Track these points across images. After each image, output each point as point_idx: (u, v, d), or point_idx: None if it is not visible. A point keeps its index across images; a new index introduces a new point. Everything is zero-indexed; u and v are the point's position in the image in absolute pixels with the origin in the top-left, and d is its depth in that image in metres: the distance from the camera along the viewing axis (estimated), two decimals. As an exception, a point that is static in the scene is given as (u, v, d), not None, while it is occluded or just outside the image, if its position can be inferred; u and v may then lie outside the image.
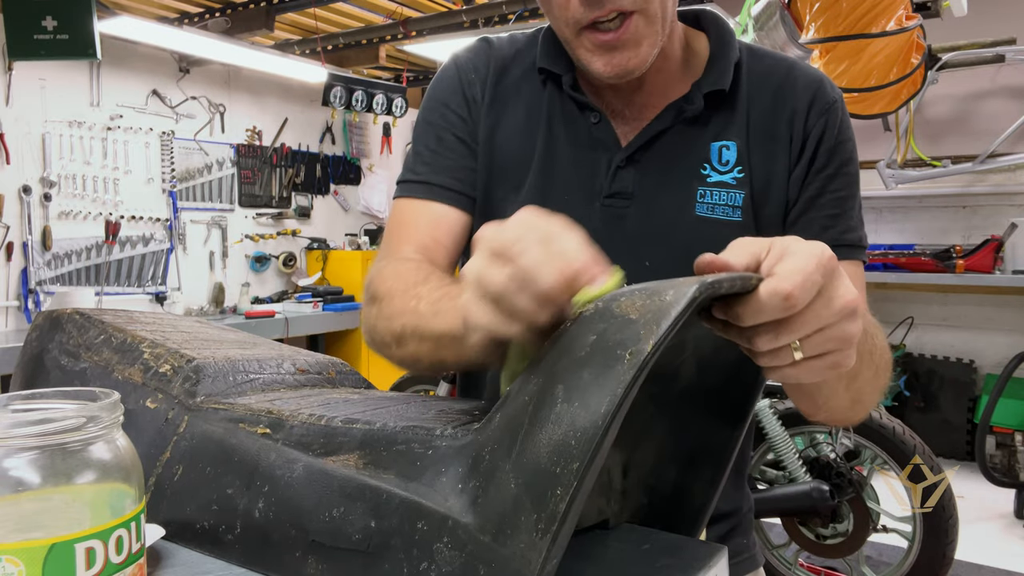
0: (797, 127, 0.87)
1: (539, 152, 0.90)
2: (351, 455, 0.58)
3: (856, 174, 0.90)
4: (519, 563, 0.45)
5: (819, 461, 2.54)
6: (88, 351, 0.80)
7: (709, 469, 0.66)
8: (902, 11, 2.87)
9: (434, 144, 0.92)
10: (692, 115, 0.87)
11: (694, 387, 0.66)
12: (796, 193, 0.87)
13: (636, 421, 0.67)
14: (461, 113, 0.93)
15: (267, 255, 5.15)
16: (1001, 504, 3.62)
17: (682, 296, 0.46)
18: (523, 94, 0.93)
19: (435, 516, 0.50)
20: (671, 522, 0.68)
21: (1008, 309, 4.38)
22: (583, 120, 0.90)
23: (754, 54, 0.92)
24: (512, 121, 0.92)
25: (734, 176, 0.87)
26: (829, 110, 0.88)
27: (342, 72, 4.62)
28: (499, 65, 0.94)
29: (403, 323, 0.74)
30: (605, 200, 0.88)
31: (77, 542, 0.43)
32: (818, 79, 0.90)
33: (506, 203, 0.90)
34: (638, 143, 0.88)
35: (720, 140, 0.87)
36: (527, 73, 0.94)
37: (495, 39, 0.97)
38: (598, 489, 0.67)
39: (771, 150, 0.87)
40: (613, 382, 0.45)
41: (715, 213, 0.86)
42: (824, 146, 0.87)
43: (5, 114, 3.82)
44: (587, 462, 0.44)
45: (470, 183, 0.91)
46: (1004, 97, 4.38)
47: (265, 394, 0.74)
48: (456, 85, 0.94)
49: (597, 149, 0.89)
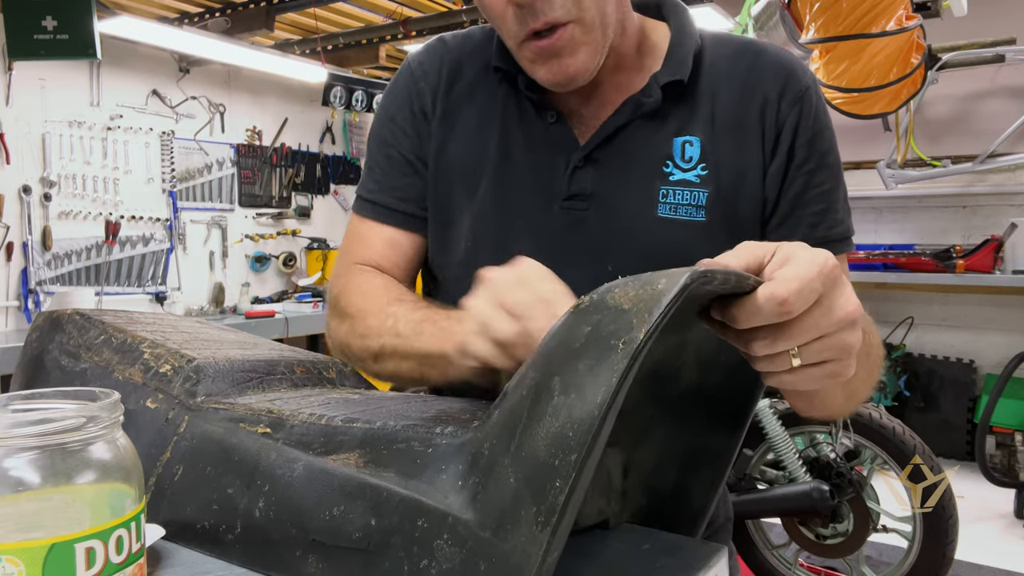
0: (769, 117, 0.83)
1: (493, 156, 0.88)
2: (351, 454, 0.58)
3: (837, 163, 0.87)
4: (519, 557, 0.45)
5: (819, 461, 2.53)
6: (88, 351, 0.80)
7: (709, 471, 0.66)
8: (902, 11, 2.87)
9: (383, 161, 0.94)
10: (651, 109, 0.84)
11: (695, 388, 0.66)
12: (776, 191, 0.84)
13: (636, 422, 0.67)
14: (407, 129, 0.93)
15: (267, 255, 5.15)
16: (1001, 504, 3.62)
17: (674, 284, 0.46)
18: (477, 97, 0.91)
19: (435, 513, 0.51)
20: (671, 523, 0.68)
21: (1008, 309, 4.38)
22: (539, 121, 0.88)
23: (719, 41, 0.88)
24: (465, 126, 0.90)
25: (697, 174, 0.83)
26: (803, 98, 0.84)
27: (342, 72, 4.62)
28: (452, 67, 0.92)
29: (382, 343, 0.79)
30: (564, 202, 0.86)
31: (77, 542, 0.43)
32: (788, 64, 0.86)
33: (462, 210, 0.89)
34: (596, 141, 0.85)
35: (682, 135, 0.84)
36: (480, 73, 0.91)
37: (450, 37, 0.96)
38: (598, 489, 0.67)
39: (740, 143, 0.84)
40: (608, 372, 0.45)
41: (678, 214, 0.83)
42: (801, 139, 0.83)
43: (5, 114, 3.82)
44: (585, 453, 0.44)
45: (416, 201, 0.93)
46: (1004, 97, 4.38)
47: (265, 394, 0.74)
48: (405, 97, 0.94)
49: (554, 150, 0.87)
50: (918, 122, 4.44)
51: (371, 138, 0.97)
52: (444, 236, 0.92)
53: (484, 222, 0.88)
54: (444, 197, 0.91)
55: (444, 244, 0.92)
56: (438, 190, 0.91)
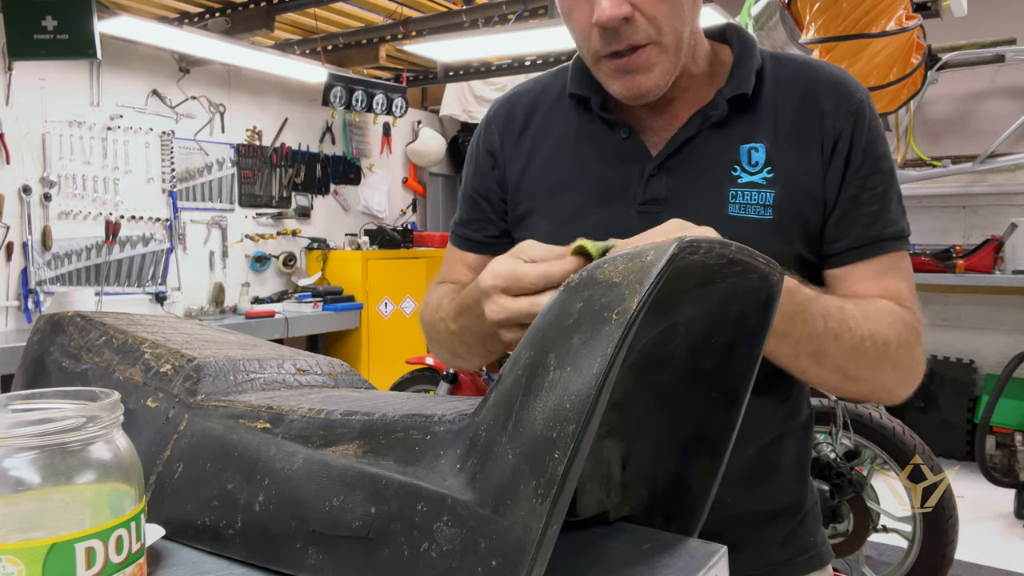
0: (827, 128, 0.90)
1: (571, 173, 0.97)
2: (350, 445, 0.58)
3: (891, 169, 0.93)
4: (520, 532, 0.45)
5: (819, 461, 2.53)
6: (89, 353, 0.80)
7: (708, 456, 0.66)
8: (902, 11, 2.87)
9: (467, 199, 1.09)
10: (717, 120, 0.91)
11: (688, 372, 0.66)
12: (835, 194, 0.90)
13: (633, 411, 0.67)
14: (476, 169, 1.07)
15: (267, 255, 5.15)
16: (1001, 504, 3.62)
17: (662, 255, 0.48)
18: (552, 126, 1.00)
19: (434, 497, 0.51)
20: (671, 513, 0.68)
21: (1008, 309, 4.38)
22: (613, 137, 0.95)
23: (778, 60, 0.96)
24: (543, 153, 1.00)
25: (764, 176, 0.90)
26: (858, 110, 0.91)
27: (342, 72, 4.62)
28: (527, 107, 1.03)
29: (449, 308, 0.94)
30: (640, 206, 0.92)
31: (77, 542, 0.43)
32: (843, 80, 0.93)
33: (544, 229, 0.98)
34: (668, 151, 0.92)
35: (748, 142, 0.91)
36: (554, 104, 1.01)
37: (521, 87, 1.07)
38: (598, 481, 0.67)
39: (801, 150, 0.90)
40: (603, 343, 0.46)
41: (747, 212, 0.89)
42: (857, 146, 0.90)
43: (5, 114, 3.82)
44: (583, 423, 0.44)
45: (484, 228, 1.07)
46: (1004, 97, 4.38)
47: (265, 392, 0.74)
48: (477, 141, 1.07)
49: (629, 161, 0.94)
50: (918, 122, 4.44)
51: (463, 175, 1.12)
52: None
53: (564, 229, 0.93)
54: (527, 217, 1.00)
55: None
56: (519, 212, 1.02)
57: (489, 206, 1.05)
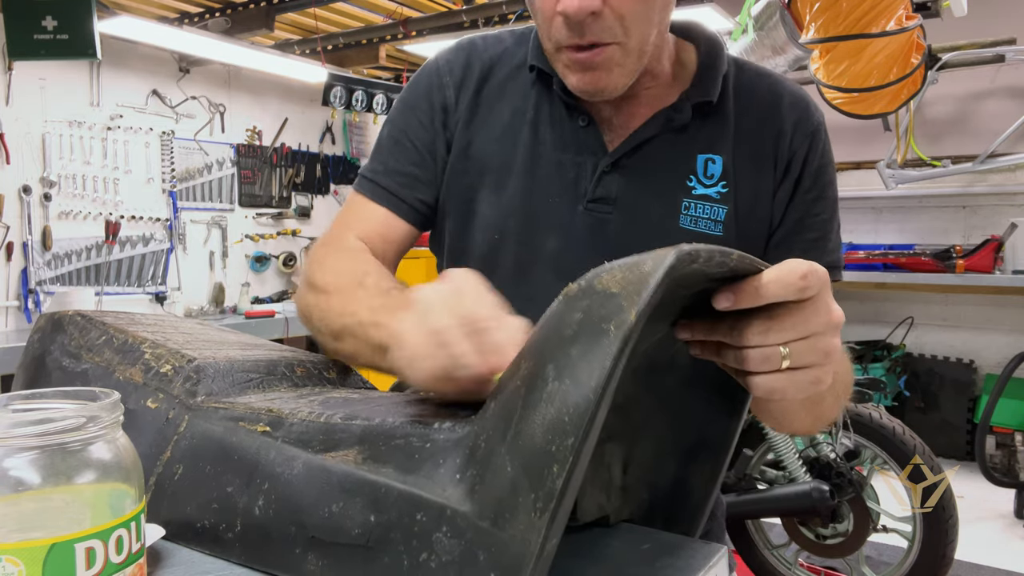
0: (782, 147, 0.89)
1: (523, 153, 0.91)
2: (350, 451, 0.58)
3: (835, 198, 0.93)
4: (518, 545, 0.45)
5: (819, 461, 2.53)
6: (89, 352, 0.80)
7: (708, 462, 0.66)
8: (902, 11, 2.87)
9: (392, 146, 0.95)
10: (679, 124, 0.88)
11: (690, 378, 0.66)
12: (780, 214, 0.89)
13: (635, 416, 0.67)
14: (423, 120, 0.94)
15: (267, 255, 5.15)
16: (1001, 504, 3.62)
17: (660, 265, 0.47)
18: (508, 94, 0.93)
19: (433, 507, 0.51)
20: (671, 517, 0.68)
21: (1008, 309, 4.38)
22: (570, 123, 0.90)
23: (741, 68, 0.93)
24: (496, 123, 0.93)
25: (718, 191, 0.88)
26: (815, 133, 0.90)
27: (342, 72, 4.62)
28: (484, 66, 0.95)
29: (343, 323, 0.78)
30: (589, 204, 0.89)
31: (77, 542, 0.43)
32: (803, 99, 0.92)
33: (490, 203, 0.92)
34: (624, 149, 0.88)
35: (707, 153, 0.88)
36: (513, 72, 0.94)
37: (480, 40, 0.98)
38: (599, 485, 0.67)
39: (756, 166, 0.89)
40: (601, 355, 0.45)
41: (698, 227, 0.87)
42: (808, 168, 0.89)
43: (5, 114, 3.82)
44: (582, 437, 0.44)
45: (416, 189, 0.94)
46: (1004, 97, 4.38)
47: (265, 393, 0.74)
48: (426, 90, 0.95)
49: (583, 152, 0.90)
50: (918, 122, 4.44)
51: (385, 123, 0.98)
52: (468, 227, 0.94)
53: (511, 217, 0.90)
54: (471, 190, 0.93)
55: (467, 235, 0.94)
56: (464, 182, 0.93)
57: (434, 165, 0.94)
